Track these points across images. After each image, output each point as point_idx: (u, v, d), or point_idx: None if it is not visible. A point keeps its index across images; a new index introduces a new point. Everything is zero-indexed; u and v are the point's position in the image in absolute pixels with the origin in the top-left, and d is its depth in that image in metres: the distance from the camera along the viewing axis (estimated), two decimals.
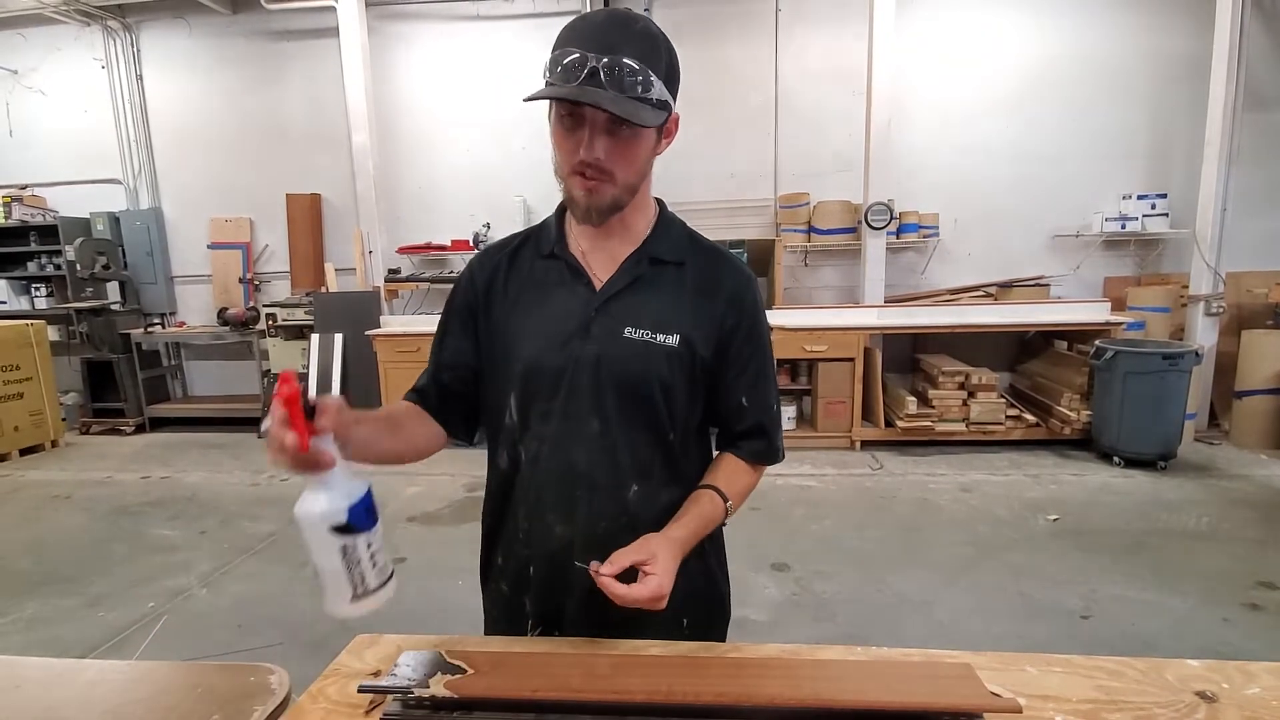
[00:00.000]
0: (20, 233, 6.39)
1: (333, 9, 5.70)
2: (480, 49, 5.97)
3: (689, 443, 1.07)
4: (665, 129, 0.96)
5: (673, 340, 0.98)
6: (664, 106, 0.90)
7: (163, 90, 6.43)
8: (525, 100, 0.90)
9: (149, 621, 2.86)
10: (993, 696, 0.79)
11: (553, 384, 0.99)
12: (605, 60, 0.84)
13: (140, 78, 6.42)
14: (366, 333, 5.48)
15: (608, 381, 0.98)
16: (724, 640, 1.14)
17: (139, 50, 6.39)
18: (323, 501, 0.75)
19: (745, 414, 1.05)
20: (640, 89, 0.86)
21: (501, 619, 1.11)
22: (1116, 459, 4.53)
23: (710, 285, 1.03)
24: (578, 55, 0.85)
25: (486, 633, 1.14)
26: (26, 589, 3.17)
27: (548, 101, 0.91)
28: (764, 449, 1.07)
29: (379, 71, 5.97)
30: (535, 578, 1.04)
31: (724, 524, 1.03)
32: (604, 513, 1.00)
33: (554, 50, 0.88)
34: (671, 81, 0.92)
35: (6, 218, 6.28)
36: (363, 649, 1.00)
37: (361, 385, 5.56)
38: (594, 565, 0.87)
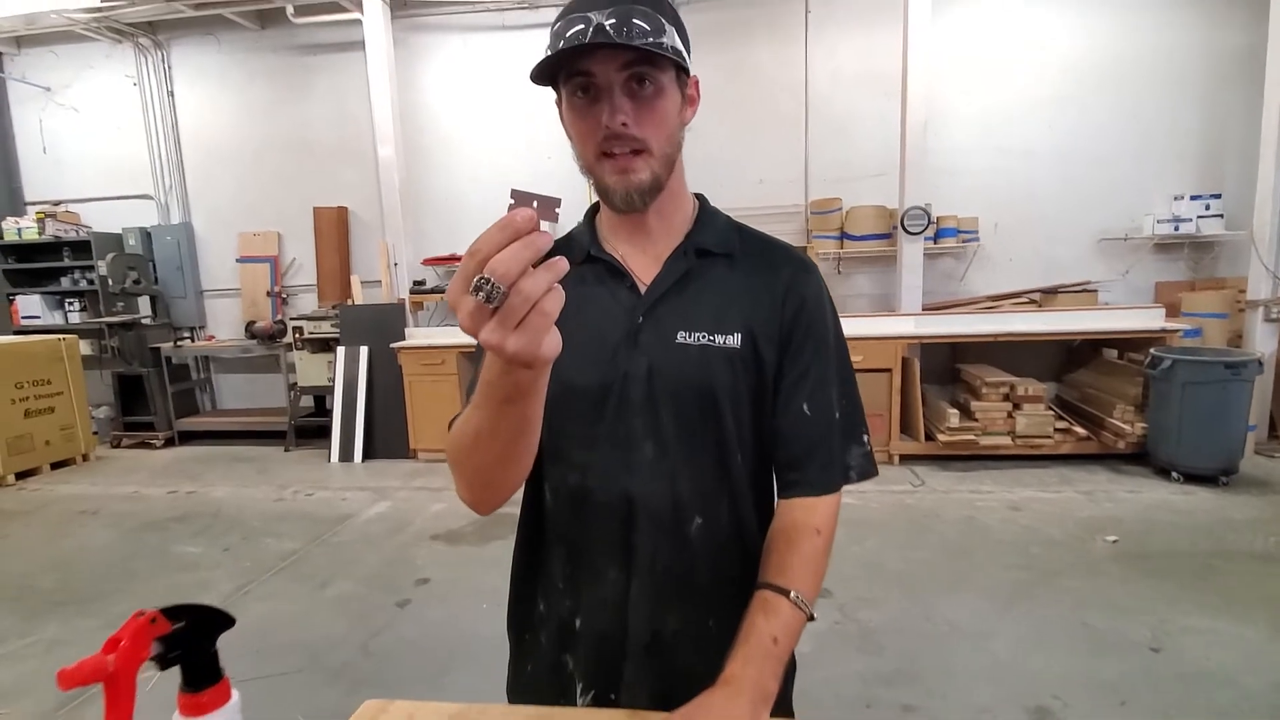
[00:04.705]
0: (54, 248, 6.48)
1: (358, 21, 5.69)
2: (505, 59, 5.91)
3: (761, 465, 0.91)
4: (688, 95, 0.85)
5: (733, 340, 0.85)
6: (680, 57, 0.79)
7: (193, 106, 6.49)
8: (532, 76, 0.79)
9: None
10: None
11: (596, 405, 0.86)
12: (609, 12, 0.74)
13: (171, 94, 6.48)
14: (391, 345, 5.43)
15: (663, 396, 0.84)
16: (790, 696, 0.97)
17: (170, 67, 6.46)
18: None
19: (806, 425, 0.86)
20: (652, 36, 0.75)
21: (538, 679, 0.95)
22: (1175, 474, 4.27)
23: (766, 275, 0.89)
24: (579, 16, 0.75)
25: (512, 691, 1.01)
26: (49, 608, 3.12)
27: (560, 97, 0.82)
28: (827, 464, 0.86)
29: (404, 83, 5.95)
30: (583, 632, 0.89)
31: (812, 618, 0.81)
32: (663, 552, 0.86)
33: (554, 25, 0.78)
34: (682, 36, 0.81)
35: (40, 234, 6.36)
36: (371, 718, 0.87)
37: (387, 399, 5.50)
38: None
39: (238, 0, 5.72)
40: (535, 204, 0.51)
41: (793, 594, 0.79)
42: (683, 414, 0.85)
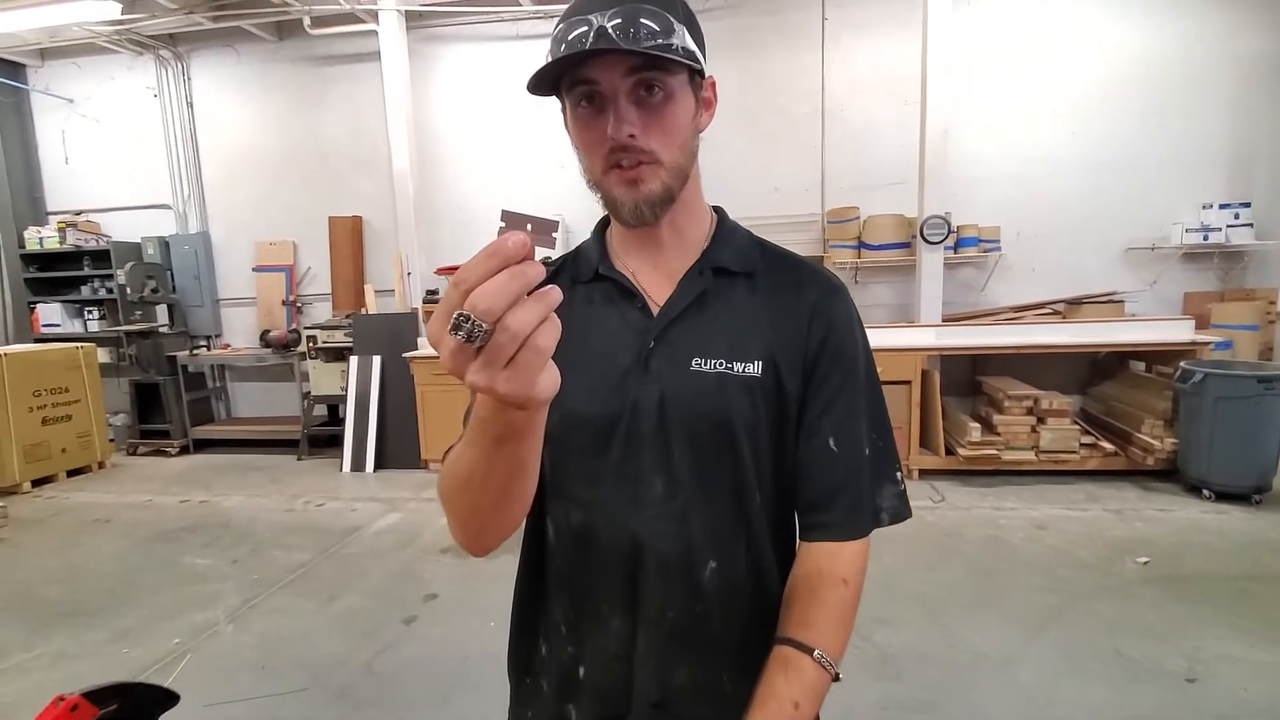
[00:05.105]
0: (74, 257, 6.55)
1: (374, 32, 5.72)
2: (518, 69, 5.90)
3: (782, 505, 0.83)
4: (703, 99, 0.78)
5: (753, 368, 0.78)
6: (692, 59, 0.72)
7: (212, 117, 6.55)
8: (529, 86, 0.74)
9: (172, 661, 2.74)
10: None
11: (603, 437, 0.79)
12: (612, 13, 0.68)
13: (191, 105, 6.55)
14: (404, 355, 5.41)
15: (675, 428, 0.77)
16: None
17: (189, 78, 6.52)
18: None
19: (832, 462, 0.78)
20: (661, 37, 0.69)
21: None
22: (1206, 492, 4.12)
23: (790, 297, 0.82)
24: (580, 19, 0.69)
25: None
26: (55, 620, 3.10)
27: (564, 107, 0.76)
28: (855, 506, 0.78)
29: (419, 93, 5.96)
30: (586, 683, 0.83)
31: (838, 678, 0.74)
32: (672, 600, 0.78)
33: (556, 29, 0.72)
34: (695, 35, 0.75)
35: (61, 243, 6.44)
36: None
37: (399, 408, 5.48)
38: None
39: (256, 12, 5.77)
40: (529, 226, 0.45)
41: (816, 652, 0.71)
42: (697, 448, 0.78)
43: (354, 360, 5.62)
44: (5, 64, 6.53)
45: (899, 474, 0.83)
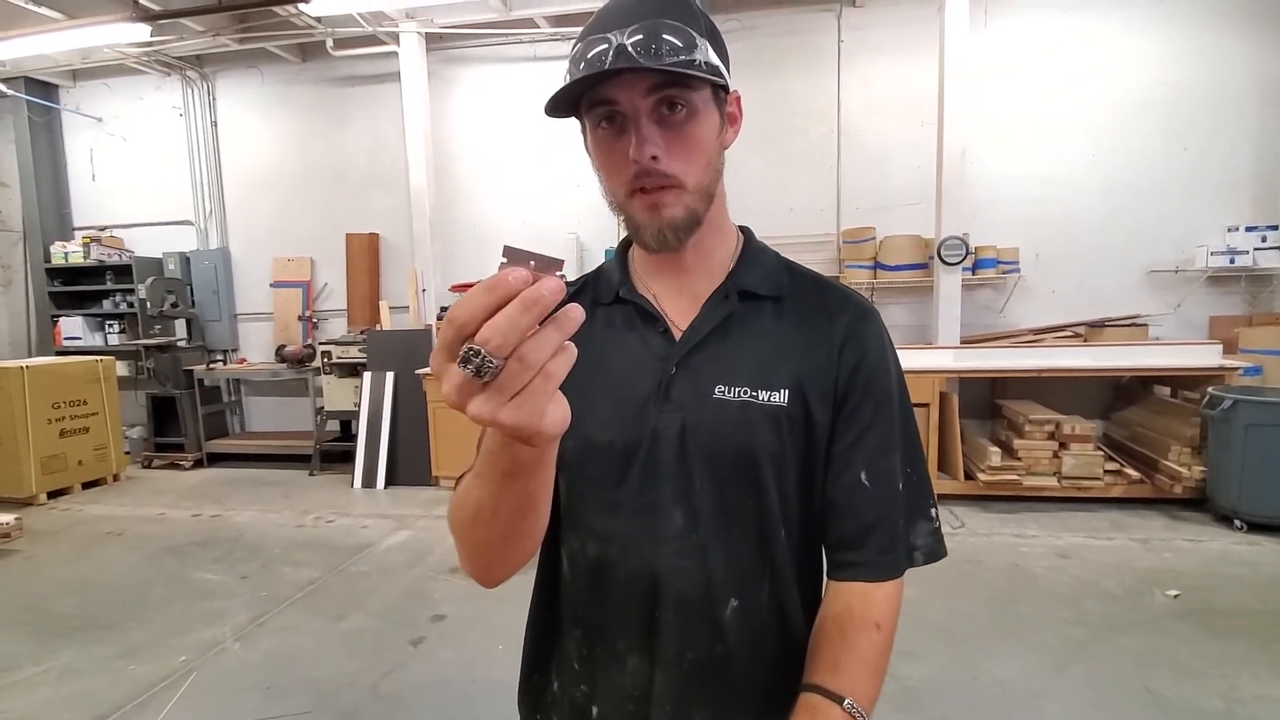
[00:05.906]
0: (98, 272, 6.65)
1: (395, 53, 5.81)
2: (535, 89, 5.96)
3: (809, 542, 0.79)
4: (727, 114, 0.76)
5: (780, 397, 0.74)
6: (716, 74, 0.70)
7: (235, 136, 6.67)
8: (547, 109, 0.71)
9: (178, 678, 2.71)
10: None
11: (620, 466, 0.76)
12: (632, 29, 0.66)
13: (215, 124, 6.67)
14: (417, 372, 5.42)
15: (696, 459, 0.74)
16: None
17: (214, 98, 6.65)
18: None
19: (864, 498, 0.74)
20: (683, 53, 0.66)
21: None
22: (1238, 522, 3.99)
23: (819, 323, 0.78)
24: (599, 37, 0.67)
25: None
26: (64, 634, 3.09)
27: (586, 128, 0.74)
28: (888, 545, 0.73)
29: (437, 112, 6.03)
30: None
31: None
32: (692, 639, 0.74)
33: (574, 48, 0.70)
34: (719, 49, 0.72)
35: (85, 258, 6.55)
36: None
37: (411, 425, 5.47)
38: None
39: (281, 34, 5.88)
40: (532, 263, 0.43)
41: (847, 702, 0.67)
42: (719, 480, 0.74)
43: (367, 376, 5.63)
44: (39, 84, 6.70)
45: (934, 510, 0.78)
